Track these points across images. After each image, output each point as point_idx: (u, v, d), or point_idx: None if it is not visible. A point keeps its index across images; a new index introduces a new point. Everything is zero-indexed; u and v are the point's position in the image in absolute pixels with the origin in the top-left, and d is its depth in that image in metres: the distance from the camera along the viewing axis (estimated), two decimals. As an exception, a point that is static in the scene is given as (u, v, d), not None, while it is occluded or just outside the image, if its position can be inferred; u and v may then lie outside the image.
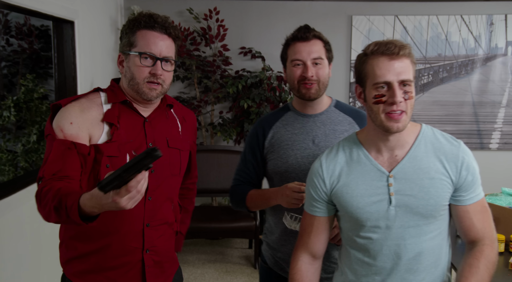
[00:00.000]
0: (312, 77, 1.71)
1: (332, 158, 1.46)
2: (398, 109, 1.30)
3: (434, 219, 1.38)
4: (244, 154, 1.87)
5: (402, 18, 4.57)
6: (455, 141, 1.42)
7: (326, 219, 1.49)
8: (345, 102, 4.63)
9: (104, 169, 1.40)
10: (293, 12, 4.58)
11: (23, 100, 4.12)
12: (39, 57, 4.65)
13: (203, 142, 4.58)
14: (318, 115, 1.80)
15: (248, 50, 4.56)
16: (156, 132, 1.52)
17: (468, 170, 1.38)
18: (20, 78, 4.38)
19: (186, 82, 4.63)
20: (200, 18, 4.44)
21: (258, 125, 1.85)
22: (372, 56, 1.33)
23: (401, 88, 1.30)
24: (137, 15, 1.48)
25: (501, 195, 2.43)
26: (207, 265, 3.99)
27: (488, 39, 4.60)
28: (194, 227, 3.86)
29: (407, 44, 1.34)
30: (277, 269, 1.87)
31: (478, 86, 4.66)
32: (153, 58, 1.44)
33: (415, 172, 1.36)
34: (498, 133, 4.68)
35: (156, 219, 1.52)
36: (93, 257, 1.48)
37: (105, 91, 1.51)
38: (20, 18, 4.39)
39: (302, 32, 1.73)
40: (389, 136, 1.37)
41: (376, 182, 1.38)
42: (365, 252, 1.41)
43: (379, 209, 1.37)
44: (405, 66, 1.31)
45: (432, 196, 1.35)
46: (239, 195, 1.82)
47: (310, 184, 1.49)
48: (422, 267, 1.38)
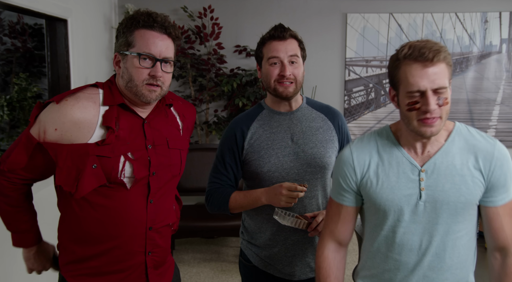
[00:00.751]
0: (290, 76, 1.72)
1: (364, 147, 1.43)
2: (432, 117, 1.27)
3: (463, 217, 1.35)
4: (222, 156, 1.82)
5: (397, 16, 4.57)
6: (491, 139, 1.38)
7: (353, 208, 1.47)
8: (341, 101, 4.65)
9: (90, 169, 1.35)
10: (288, 10, 4.57)
11: (16, 99, 4.09)
12: (32, 56, 4.62)
13: (198, 140, 4.56)
14: (294, 113, 1.82)
15: (243, 48, 4.55)
16: (155, 133, 1.47)
17: (502, 169, 1.35)
18: (13, 77, 4.36)
19: (181, 80, 4.62)
20: (194, 16, 4.43)
21: (235, 127, 1.82)
22: (405, 61, 1.28)
23: (435, 95, 1.27)
24: (135, 14, 1.42)
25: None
26: (202, 264, 3.98)
27: (483, 37, 4.61)
28: (190, 226, 3.85)
29: (442, 47, 1.28)
30: (263, 267, 1.86)
31: (472, 84, 4.67)
32: (152, 59, 1.38)
33: (448, 168, 1.34)
34: (493, 131, 4.69)
35: (158, 222, 1.50)
36: (93, 261, 1.45)
37: (102, 88, 1.44)
38: (13, 16, 4.37)
39: (278, 31, 1.74)
40: (422, 139, 1.35)
41: (407, 175, 1.35)
42: (389, 246, 1.39)
43: (408, 203, 1.34)
44: (439, 73, 1.26)
45: (463, 193, 1.33)
46: (221, 198, 1.79)
47: (339, 172, 1.46)
48: (446, 266, 1.36)
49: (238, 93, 4.38)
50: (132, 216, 1.43)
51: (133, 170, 1.40)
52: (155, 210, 1.48)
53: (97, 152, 1.36)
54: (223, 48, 4.48)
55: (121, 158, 1.39)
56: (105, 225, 1.42)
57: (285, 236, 1.81)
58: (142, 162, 1.42)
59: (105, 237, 1.43)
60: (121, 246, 1.45)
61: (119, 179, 1.39)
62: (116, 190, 1.40)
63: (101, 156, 1.36)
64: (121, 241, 1.44)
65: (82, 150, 1.36)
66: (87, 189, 1.36)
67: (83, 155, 1.35)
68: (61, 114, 1.35)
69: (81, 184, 1.36)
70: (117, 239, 1.44)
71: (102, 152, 1.36)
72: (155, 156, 1.45)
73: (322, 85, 4.62)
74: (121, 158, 1.39)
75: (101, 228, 1.42)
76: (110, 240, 1.44)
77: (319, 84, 4.61)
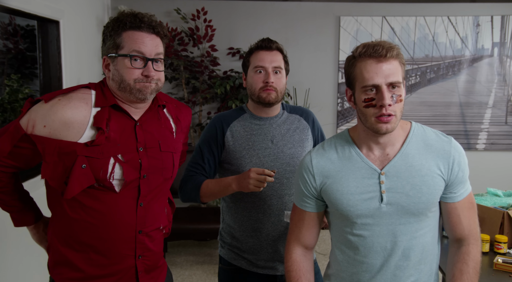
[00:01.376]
0: (272, 84, 1.81)
1: (323, 153, 1.45)
2: (387, 113, 1.30)
3: (425, 216, 1.38)
4: (200, 148, 1.89)
5: (390, 19, 4.59)
6: (446, 137, 1.42)
7: (316, 214, 1.49)
8: (334, 103, 4.66)
9: (78, 169, 1.34)
10: (281, 12, 4.58)
11: (8, 101, 4.06)
12: (24, 57, 4.59)
13: (191, 142, 4.55)
14: (274, 118, 1.91)
15: (236, 51, 4.55)
16: (147, 136, 1.46)
17: (459, 166, 1.39)
18: (5, 78, 4.33)
19: (174, 82, 4.61)
20: (187, 18, 4.42)
21: (216, 121, 1.90)
22: (360, 59, 1.32)
23: (390, 91, 1.30)
24: (120, 16, 1.40)
25: (487, 195, 2.44)
26: (195, 267, 3.96)
27: (475, 40, 4.64)
28: (182, 228, 3.84)
29: (395, 46, 1.33)
30: (246, 266, 1.89)
31: (465, 87, 4.70)
32: (143, 59, 1.38)
33: (407, 170, 1.36)
34: (485, 134, 4.72)
35: (148, 225, 1.48)
36: (81, 264, 1.44)
37: (94, 89, 1.43)
38: (5, 17, 4.34)
39: (266, 42, 1.85)
40: (379, 137, 1.37)
41: (367, 179, 1.38)
42: (355, 249, 1.41)
43: (370, 207, 1.37)
44: (393, 68, 1.30)
45: (424, 193, 1.35)
46: (193, 184, 1.82)
47: (300, 178, 1.48)
48: (411, 264, 1.39)
49: (231, 96, 4.38)
50: (121, 219, 1.42)
51: (123, 172, 1.39)
52: (145, 214, 1.47)
53: (86, 153, 1.35)
54: (216, 50, 4.48)
55: (110, 159, 1.38)
56: (94, 227, 1.40)
57: (266, 232, 1.86)
58: (132, 164, 1.41)
59: (93, 240, 1.42)
60: (110, 249, 1.43)
61: (107, 181, 1.37)
62: (105, 192, 1.39)
63: (90, 156, 1.35)
64: (110, 244, 1.43)
65: (70, 148, 1.35)
66: (77, 189, 1.35)
67: (71, 154, 1.34)
68: (51, 112, 1.35)
69: (70, 185, 1.34)
70: (106, 242, 1.42)
71: (91, 153, 1.35)
72: (146, 159, 1.44)
73: (315, 88, 4.63)
74: (111, 160, 1.38)
75: (90, 230, 1.41)
76: (99, 243, 1.42)
77: (312, 87, 4.62)
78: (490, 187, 2.59)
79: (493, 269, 1.95)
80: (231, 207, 1.90)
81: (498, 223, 2.18)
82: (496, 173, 4.70)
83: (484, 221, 2.23)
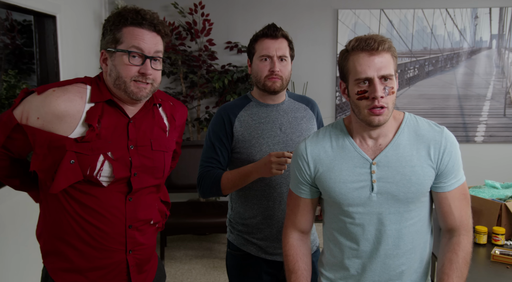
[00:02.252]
0: (278, 72, 1.82)
1: (317, 141, 1.49)
2: (379, 105, 1.33)
3: (414, 205, 1.42)
4: (211, 141, 1.89)
5: (388, 12, 4.57)
6: (438, 127, 1.44)
7: (310, 200, 1.54)
8: (332, 97, 4.66)
9: (66, 164, 1.33)
10: (279, 6, 4.57)
11: (5, 97, 4.06)
12: (21, 53, 4.58)
13: (190, 137, 4.55)
14: (280, 105, 1.93)
15: (234, 45, 4.54)
16: (140, 133, 1.45)
17: (450, 155, 1.41)
18: (2, 74, 4.32)
19: (172, 77, 4.60)
20: (185, 12, 4.41)
21: (222, 113, 1.90)
22: (353, 52, 1.36)
23: (382, 83, 1.33)
24: (122, 11, 1.38)
25: (484, 187, 2.45)
26: (194, 261, 3.97)
27: (473, 33, 4.63)
28: (181, 223, 3.85)
29: (387, 39, 1.36)
30: (255, 252, 1.91)
31: (463, 79, 4.69)
32: (141, 56, 1.36)
33: (398, 160, 1.40)
34: (483, 126, 4.72)
35: (138, 220, 1.48)
36: (72, 256, 1.44)
37: (90, 84, 1.42)
38: (1, 13, 4.32)
39: (271, 30, 1.84)
40: (372, 129, 1.40)
41: (359, 168, 1.41)
42: (347, 236, 1.46)
43: (361, 195, 1.41)
44: (385, 61, 1.33)
45: (413, 183, 1.38)
46: (212, 179, 1.83)
47: (295, 165, 1.52)
48: (401, 252, 1.43)
49: (229, 90, 4.37)
50: (110, 213, 1.42)
51: (112, 170, 1.39)
52: (135, 208, 1.46)
53: (75, 148, 1.34)
54: (214, 44, 4.46)
55: (100, 156, 1.37)
56: (83, 221, 1.40)
57: (277, 219, 1.88)
58: (122, 162, 1.41)
59: (83, 233, 1.42)
60: (100, 243, 1.43)
61: (94, 177, 1.37)
62: (92, 186, 1.39)
63: (79, 152, 1.35)
64: (100, 238, 1.43)
65: (60, 142, 1.34)
66: (63, 184, 1.35)
67: (61, 148, 1.34)
68: (45, 104, 1.34)
69: (57, 180, 1.34)
70: (95, 236, 1.42)
71: (81, 149, 1.35)
72: (137, 157, 1.44)
73: (313, 81, 4.63)
74: (100, 157, 1.37)
75: (79, 224, 1.41)
76: (89, 237, 1.42)
77: (310, 80, 4.61)
78: (488, 179, 2.59)
79: (490, 260, 1.96)
80: (241, 195, 1.92)
81: (496, 215, 2.18)
82: (494, 165, 4.71)
83: (482, 213, 2.24)
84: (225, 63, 4.53)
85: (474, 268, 1.88)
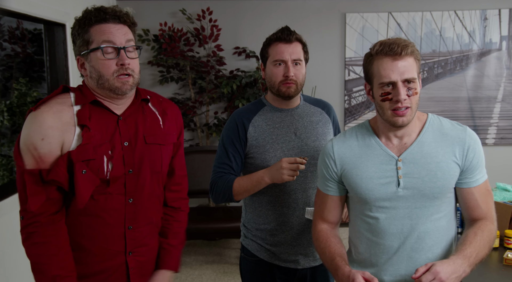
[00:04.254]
0: (293, 77, 1.80)
1: (344, 140, 1.55)
2: (403, 106, 1.39)
3: (440, 201, 1.46)
4: (224, 147, 1.88)
5: (396, 15, 4.56)
6: (461, 125, 1.51)
7: (338, 197, 1.59)
8: (341, 100, 4.65)
9: (80, 176, 1.34)
10: (286, 10, 4.57)
11: (17, 105, 4.11)
12: (32, 61, 4.64)
13: (199, 142, 4.57)
14: (295, 109, 1.91)
15: (242, 50, 4.56)
16: (131, 129, 1.45)
17: (474, 152, 1.47)
18: (13, 82, 4.37)
19: (181, 83, 4.62)
20: (193, 18, 4.43)
21: (236, 118, 1.89)
22: (377, 57, 1.42)
23: (405, 86, 1.39)
24: (84, 13, 1.41)
25: (496, 190, 2.42)
26: (204, 266, 3.98)
27: (482, 34, 4.60)
28: (191, 228, 3.84)
29: (410, 43, 1.41)
30: (268, 258, 1.90)
31: (473, 81, 4.66)
32: (115, 49, 1.38)
33: (423, 156, 1.45)
34: (494, 128, 4.68)
35: (138, 221, 1.47)
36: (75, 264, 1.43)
37: (73, 91, 1.43)
38: (12, 22, 4.38)
39: (285, 34, 1.82)
40: (396, 130, 1.46)
41: (385, 165, 1.47)
42: (373, 232, 1.50)
43: (387, 191, 1.46)
44: (408, 66, 1.39)
45: (439, 178, 1.44)
46: (224, 184, 1.82)
47: (322, 163, 1.58)
48: (427, 247, 1.47)
49: (238, 95, 4.38)
50: (109, 215, 1.42)
51: (112, 168, 1.40)
52: (135, 209, 1.46)
53: (81, 157, 1.35)
54: (222, 50, 4.48)
55: (104, 157, 1.38)
56: (81, 224, 1.40)
57: (290, 225, 1.87)
58: (119, 159, 1.42)
59: (80, 237, 1.42)
60: (98, 247, 1.43)
61: (105, 178, 1.39)
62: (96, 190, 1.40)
63: (86, 160, 1.36)
64: (98, 242, 1.42)
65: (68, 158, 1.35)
66: (86, 195, 1.36)
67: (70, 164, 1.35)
68: (40, 122, 1.35)
69: (78, 193, 1.35)
70: (93, 239, 1.42)
71: (85, 155, 1.36)
72: (131, 153, 1.44)
73: (322, 85, 4.62)
74: (104, 158, 1.39)
75: (77, 228, 1.41)
76: (87, 241, 1.42)
77: (319, 84, 4.61)
78: (500, 182, 2.57)
79: (503, 264, 1.93)
80: (255, 200, 1.90)
81: (508, 218, 2.16)
82: (506, 167, 4.65)
83: (493, 216, 2.21)
84: (233, 69, 4.54)
85: (487, 271, 1.86)
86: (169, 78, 4.48)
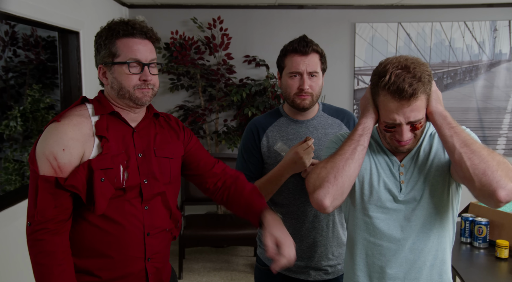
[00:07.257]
0: (308, 90, 1.79)
1: None
2: (406, 144, 1.41)
3: (440, 200, 1.46)
4: (242, 155, 1.92)
5: (406, 25, 4.58)
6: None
7: None
8: (350, 109, 4.65)
9: (99, 183, 1.38)
10: (296, 20, 4.61)
11: (30, 110, 4.17)
12: (45, 68, 4.70)
13: (208, 150, 4.59)
14: (310, 121, 1.90)
15: (252, 59, 4.59)
16: (144, 142, 1.52)
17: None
18: (27, 88, 4.44)
19: (191, 91, 4.66)
20: (204, 27, 4.48)
21: (252, 127, 1.92)
22: (383, 92, 1.34)
23: (409, 126, 1.37)
24: (112, 25, 1.47)
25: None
26: (212, 273, 3.98)
27: (492, 45, 4.60)
28: (199, 235, 3.87)
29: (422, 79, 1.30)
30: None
31: (482, 92, 4.65)
32: (140, 64, 1.44)
33: (422, 161, 1.47)
34: (504, 139, 4.66)
35: (155, 227, 1.52)
36: (94, 271, 1.46)
37: (91, 103, 1.49)
38: (27, 29, 4.45)
39: (301, 46, 1.79)
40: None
41: (390, 170, 1.49)
42: (372, 232, 1.50)
43: (390, 194, 1.47)
44: (415, 109, 1.33)
45: (438, 180, 1.45)
46: None
47: (331, 146, 1.55)
48: (427, 249, 1.46)
49: (247, 103, 4.41)
50: (128, 222, 1.45)
51: (128, 177, 1.44)
52: (151, 216, 1.50)
53: (100, 166, 1.39)
54: (232, 58, 4.52)
55: (120, 167, 1.43)
56: (103, 232, 1.44)
57: (300, 238, 1.86)
58: (134, 169, 1.46)
59: (103, 245, 1.45)
60: (120, 254, 1.46)
61: (122, 187, 1.43)
62: (112, 199, 1.43)
63: (104, 168, 1.39)
64: (120, 249, 1.46)
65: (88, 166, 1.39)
66: (104, 203, 1.40)
67: (89, 172, 1.39)
68: (62, 133, 1.38)
69: (97, 201, 1.38)
70: (116, 247, 1.45)
71: (104, 164, 1.40)
72: (145, 164, 1.49)
73: (332, 94, 4.64)
74: (121, 167, 1.43)
75: (100, 235, 1.44)
76: (109, 250, 1.45)
77: (328, 93, 4.63)
78: (509, 193, 2.55)
79: (512, 275, 1.93)
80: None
81: (517, 229, 2.16)
82: (516, 178, 4.63)
83: (503, 227, 2.21)
84: (243, 77, 4.57)
85: (496, 282, 1.86)
86: (179, 85, 4.52)
